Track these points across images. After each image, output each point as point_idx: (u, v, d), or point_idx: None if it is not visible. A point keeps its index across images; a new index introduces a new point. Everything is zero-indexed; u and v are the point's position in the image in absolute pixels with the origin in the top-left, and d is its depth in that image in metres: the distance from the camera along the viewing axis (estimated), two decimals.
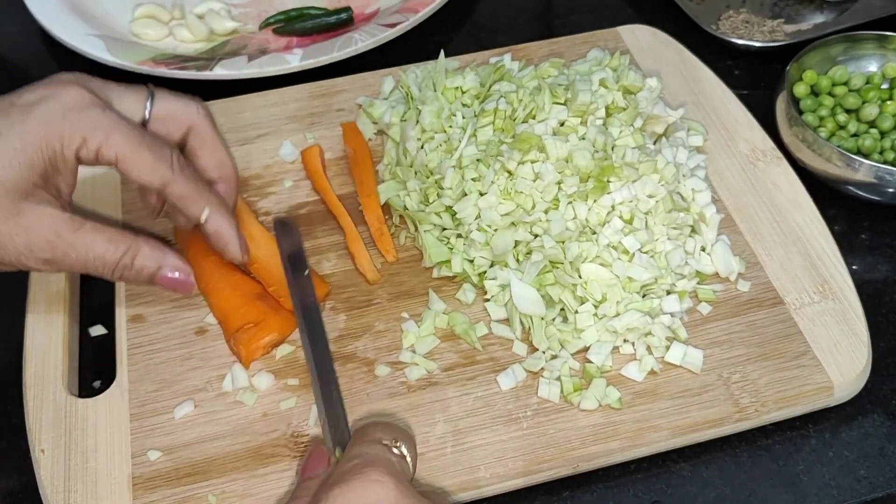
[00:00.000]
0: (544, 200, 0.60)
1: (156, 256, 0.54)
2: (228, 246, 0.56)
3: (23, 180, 0.49)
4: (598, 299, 0.58)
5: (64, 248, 0.51)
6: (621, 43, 0.78)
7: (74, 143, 0.50)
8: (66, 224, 0.51)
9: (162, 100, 0.54)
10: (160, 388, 0.58)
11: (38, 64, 0.84)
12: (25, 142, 0.49)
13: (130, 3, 0.86)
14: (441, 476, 0.54)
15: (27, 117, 0.49)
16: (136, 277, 0.54)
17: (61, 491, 0.53)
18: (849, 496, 0.55)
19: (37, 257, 0.51)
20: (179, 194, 0.53)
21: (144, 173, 0.51)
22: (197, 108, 0.55)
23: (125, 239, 0.53)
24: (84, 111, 0.50)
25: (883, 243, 0.68)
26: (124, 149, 0.50)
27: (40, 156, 0.49)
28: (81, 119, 0.50)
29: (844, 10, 0.83)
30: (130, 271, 0.53)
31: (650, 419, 0.56)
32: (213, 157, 0.56)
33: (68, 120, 0.49)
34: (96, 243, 0.52)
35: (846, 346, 0.59)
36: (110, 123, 0.50)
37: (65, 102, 0.50)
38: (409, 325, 0.60)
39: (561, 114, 0.63)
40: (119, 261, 0.52)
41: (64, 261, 0.51)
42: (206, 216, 0.55)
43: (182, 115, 0.55)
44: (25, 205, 0.49)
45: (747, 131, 0.71)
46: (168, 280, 0.55)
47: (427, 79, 0.70)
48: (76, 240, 0.51)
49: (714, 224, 0.63)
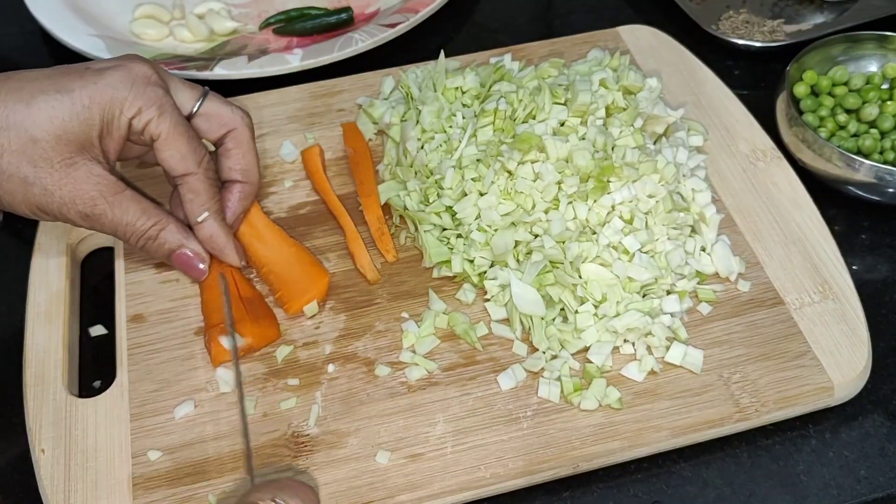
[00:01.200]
0: (544, 200, 0.60)
1: (180, 236, 0.58)
2: (223, 251, 0.60)
3: (83, 134, 0.53)
4: (599, 299, 0.58)
5: (103, 208, 0.55)
6: (621, 43, 0.78)
7: (131, 112, 0.54)
8: (110, 185, 0.55)
9: (212, 100, 0.59)
10: (160, 388, 0.58)
11: (38, 64, 0.84)
12: (93, 101, 0.53)
13: (130, 3, 0.86)
14: (441, 476, 0.54)
15: (100, 79, 0.54)
16: (156, 250, 0.58)
17: (61, 491, 0.53)
18: (849, 496, 0.55)
19: (77, 210, 0.54)
20: (195, 188, 0.57)
21: (174, 158, 0.56)
22: (242, 116, 0.60)
23: (157, 213, 0.57)
24: (148, 86, 0.55)
25: (883, 243, 0.68)
26: (168, 131, 0.55)
27: (101, 115, 0.53)
28: (144, 92, 0.54)
29: (844, 10, 0.83)
30: (153, 242, 0.57)
31: (650, 419, 0.56)
32: (242, 160, 0.60)
33: (133, 89, 0.54)
34: (131, 210, 0.56)
35: (846, 346, 0.59)
36: (166, 104, 0.55)
37: (135, 74, 0.54)
38: (409, 325, 0.60)
39: (561, 114, 0.63)
40: (147, 231, 0.57)
41: (100, 219, 0.55)
42: (203, 218, 0.58)
43: (227, 117, 0.59)
44: (79, 158, 0.53)
45: (747, 131, 0.71)
46: (184, 259, 0.59)
47: (427, 79, 0.70)
48: (115, 202, 0.55)
49: (714, 224, 0.63)
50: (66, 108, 0.52)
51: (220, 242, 0.59)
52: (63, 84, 0.53)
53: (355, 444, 0.55)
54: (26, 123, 0.52)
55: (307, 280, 0.61)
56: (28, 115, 0.52)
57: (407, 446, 0.55)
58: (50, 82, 0.53)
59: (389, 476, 0.54)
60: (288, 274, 0.61)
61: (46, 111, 0.52)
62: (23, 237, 0.68)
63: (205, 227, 0.59)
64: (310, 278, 0.62)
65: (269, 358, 0.59)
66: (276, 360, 0.59)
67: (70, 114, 0.53)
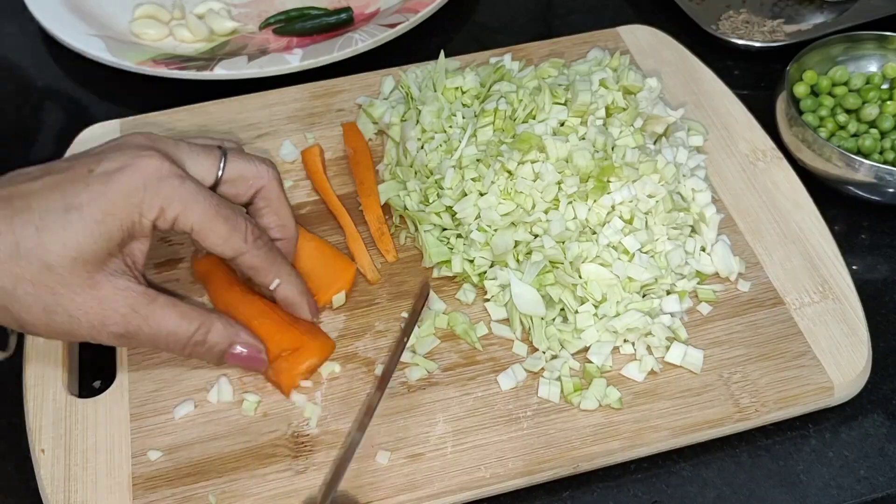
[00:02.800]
0: (544, 200, 0.60)
1: (228, 333, 0.54)
2: (299, 312, 0.57)
3: (101, 250, 0.49)
4: (598, 299, 0.58)
5: (137, 323, 0.50)
6: (621, 43, 0.78)
7: (153, 214, 0.50)
8: (140, 296, 0.50)
9: (233, 161, 0.54)
10: (160, 388, 0.58)
11: (38, 64, 0.85)
12: (106, 213, 0.48)
13: (130, 3, 0.86)
14: (441, 476, 0.54)
15: (108, 188, 0.49)
16: (206, 354, 0.53)
17: (61, 491, 0.53)
18: (849, 496, 0.55)
19: (109, 331, 0.50)
20: (250, 265, 0.54)
21: (218, 244, 0.52)
22: (267, 170, 0.56)
23: (198, 314, 0.52)
24: (162, 182, 0.50)
25: (883, 243, 0.68)
26: (200, 221, 0.51)
27: (119, 226, 0.49)
28: (160, 190, 0.49)
29: (844, 10, 0.83)
30: (202, 348, 0.53)
31: (650, 419, 0.56)
32: (276, 218, 0.57)
33: (148, 191, 0.49)
34: (169, 318, 0.51)
35: (846, 346, 0.59)
36: (188, 195, 0.50)
37: (145, 173, 0.49)
38: None
39: (561, 114, 0.63)
40: (192, 336, 0.52)
41: (137, 335, 0.50)
42: (276, 285, 0.55)
43: (252, 176, 0.55)
44: (100, 276, 0.49)
45: (747, 131, 0.71)
46: (241, 358, 0.54)
47: (427, 79, 0.70)
48: (149, 313, 0.50)
49: (714, 224, 0.63)
50: (77, 229, 0.48)
51: (297, 304, 0.57)
52: (70, 198, 0.48)
53: None
54: (38, 252, 0.47)
55: (333, 272, 0.61)
56: (39, 243, 0.47)
57: (407, 446, 0.55)
58: (56, 196, 0.48)
59: (389, 476, 0.54)
60: (312, 268, 0.61)
61: (58, 235, 0.48)
62: None
63: (279, 292, 0.56)
64: (335, 270, 0.62)
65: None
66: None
67: (83, 233, 0.48)
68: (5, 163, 0.75)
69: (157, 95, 0.79)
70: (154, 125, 0.72)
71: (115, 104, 0.80)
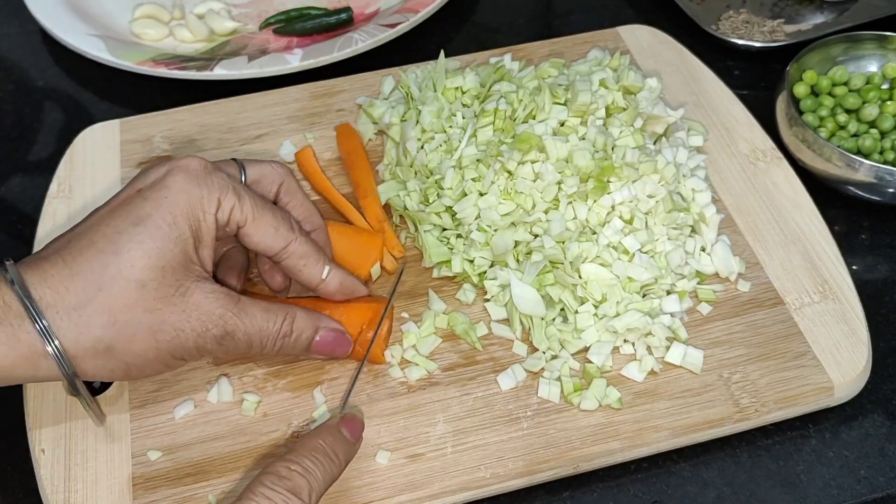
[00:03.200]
0: (544, 200, 0.60)
1: (312, 318, 0.54)
2: (356, 289, 0.57)
3: (181, 254, 0.49)
4: (599, 299, 0.58)
5: (234, 322, 0.50)
6: (621, 43, 0.78)
7: (213, 207, 0.50)
8: (228, 297, 0.50)
9: (251, 165, 0.56)
10: (160, 388, 0.58)
11: (38, 64, 0.85)
12: (175, 214, 0.49)
13: (130, 3, 0.86)
14: (441, 476, 0.54)
15: (167, 191, 0.49)
16: (294, 344, 0.53)
17: (61, 491, 0.53)
18: (849, 496, 0.55)
19: (212, 335, 0.49)
20: (302, 253, 0.54)
21: (269, 235, 0.52)
22: (280, 167, 0.57)
23: (279, 307, 0.53)
24: (211, 175, 0.50)
25: (883, 243, 0.68)
26: (253, 210, 0.51)
27: (189, 225, 0.49)
28: (213, 182, 0.50)
29: (844, 10, 0.83)
30: (290, 338, 0.53)
31: (650, 419, 0.56)
32: (303, 209, 0.57)
33: (203, 185, 0.50)
34: (257, 314, 0.51)
35: (846, 346, 0.59)
36: (237, 185, 0.51)
37: (192, 169, 0.50)
38: (409, 325, 0.60)
39: (561, 114, 0.63)
40: (280, 328, 0.52)
41: (234, 335, 0.50)
42: (327, 273, 0.55)
43: (270, 174, 0.56)
44: (187, 282, 0.49)
45: (747, 131, 0.71)
46: (327, 341, 0.55)
47: (427, 79, 0.70)
48: (240, 311, 0.50)
49: (714, 224, 0.63)
50: (154, 238, 0.48)
51: (350, 283, 0.56)
52: (135, 214, 0.48)
53: None
54: (124, 272, 0.47)
55: (362, 247, 0.62)
56: (123, 263, 0.47)
57: (407, 446, 0.55)
58: (117, 220, 0.48)
59: (389, 476, 0.54)
60: (339, 249, 0.61)
61: (138, 248, 0.47)
62: (22, 237, 0.69)
63: (331, 280, 0.55)
64: (363, 245, 0.62)
65: (269, 358, 0.59)
66: (278, 360, 0.59)
67: (161, 241, 0.48)
68: (5, 163, 0.76)
69: (157, 95, 0.79)
70: (154, 125, 0.72)
71: (115, 104, 0.80)
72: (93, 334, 0.47)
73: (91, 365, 0.47)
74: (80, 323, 0.46)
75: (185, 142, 0.71)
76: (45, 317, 0.46)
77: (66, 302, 0.46)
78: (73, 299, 0.46)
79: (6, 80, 0.83)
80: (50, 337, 0.46)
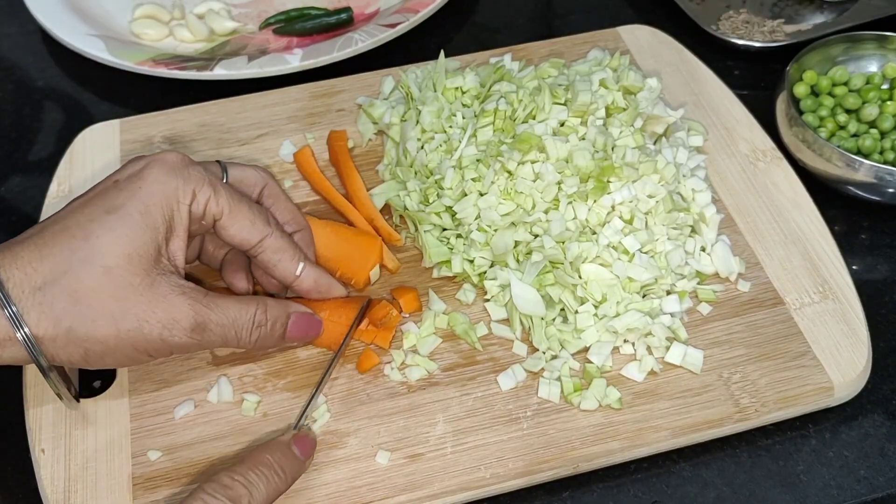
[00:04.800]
0: (544, 200, 0.60)
1: (282, 305, 0.55)
2: (332, 289, 0.58)
3: (151, 243, 0.49)
4: (599, 299, 0.58)
5: (205, 313, 0.50)
6: (621, 43, 0.78)
7: (188, 198, 0.51)
8: (197, 290, 0.51)
9: (233, 167, 0.57)
10: (160, 388, 0.58)
11: (38, 64, 0.85)
12: (148, 204, 0.49)
13: (130, 3, 0.86)
14: (441, 476, 0.54)
15: (142, 181, 0.50)
16: (269, 333, 0.54)
17: (61, 491, 0.53)
18: (849, 496, 0.55)
19: (181, 327, 0.49)
20: (277, 247, 0.54)
21: (245, 228, 0.53)
22: (262, 171, 0.58)
23: (250, 297, 0.53)
24: (189, 168, 0.52)
25: (883, 243, 0.68)
26: (229, 203, 0.52)
27: (161, 215, 0.50)
28: (189, 174, 0.51)
29: (844, 10, 0.83)
30: (265, 327, 0.53)
31: (650, 419, 0.56)
32: (287, 211, 0.58)
33: (179, 176, 0.51)
34: (228, 305, 0.51)
35: (846, 346, 0.59)
36: (213, 179, 0.52)
37: (170, 162, 0.51)
38: (409, 325, 0.60)
39: (561, 114, 0.63)
40: (254, 318, 0.52)
41: (207, 327, 0.50)
42: (300, 269, 0.55)
43: (252, 176, 0.57)
44: (155, 275, 0.49)
45: (747, 131, 0.71)
46: (300, 324, 0.55)
47: (427, 79, 0.70)
48: (210, 303, 0.51)
49: (714, 224, 0.63)
50: (125, 226, 0.48)
51: (325, 282, 0.57)
52: (108, 203, 0.49)
53: (355, 444, 0.55)
54: (93, 257, 0.48)
55: (361, 250, 0.62)
56: (92, 248, 0.48)
57: (407, 446, 0.55)
58: (94, 208, 0.49)
59: (389, 476, 0.54)
60: (338, 252, 0.61)
61: (108, 236, 0.48)
62: None
63: (306, 276, 0.56)
64: (362, 247, 0.62)
65: (270, 357, 0.59)
66: (278, 360, 0.59)
67: (131, 229, 0.48)
68: (5, 163, 0.76)
69: (157, 95, 0.79)
70: (154, 125, 0.72)
71: (115, 104, 0.81)
72: (54, 314, 0.47)
73: (50, 347, 0.48)
74: (42, 302, 0.47)
75: (185, 142, 0.71)
76: (12, 296, 0.47)
77: (32, 282, 0.47)
78: (38, 279, 0.47)
79: (6, 80, 0.83)
80: (18, 323, 0.46)
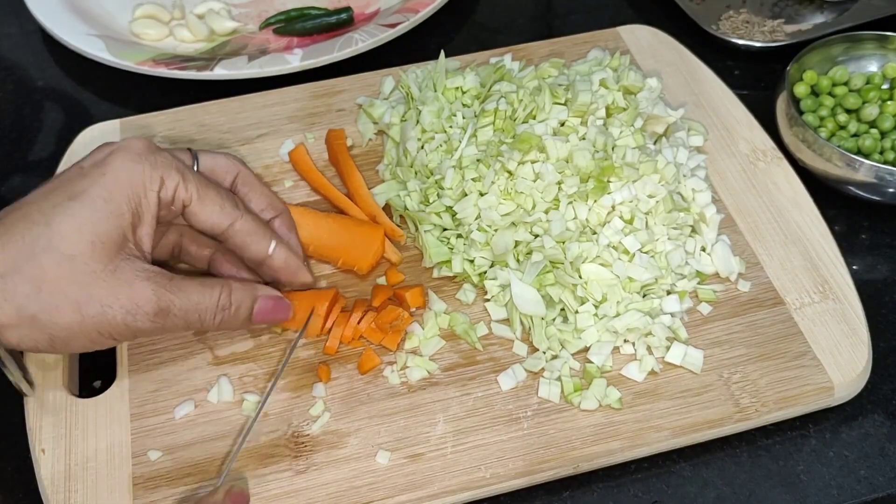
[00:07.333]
0: (544, 200, 0.60)
1: (248, 289, 0.55)
2: (299, 273, 0.57)
3: (115, 230, 0.49)
4: (599, 299, 0.58)
5: (168, 298, 0.50)
6: (621, 43, 0.78)
7: (156, 184, 0.51)
8: (161, 275, 0.51)
9: (204, 155, 0.57)
10: (160, 388, 0.58)
11: (38, 64, 0.85)
12: (112, 191, 0.49)
13: (130, 3, 0.86)
14: (441, 476, 0.54)
15: (106, 168, 0.50)
16: (235, 317, 0.54)
17: (61, 491, 0.53)
18: (849, 496, 0.55)
19: (144, 311, 0.50)
20: (248, 230, 0.54)
21: (215, 213, 0.53)
22: (235, 159, 0.58)
23: (215, 281, 0.53)
24: (155, 154, 0.52)
25: (883, 243, 0.68)
26: (198, 189, 0.52)
27: (127, 202, 0.50)
28: (157, 161, 0.51)
29: (844, 10, 0.83)
30: (230, 310, 0.53)
31: (650, 419, 0.56)
32: (263, 198, 0.58)
33: (146, 162, 0.51)
34: (192, 289, 0.51)
35: (846, 346, 0.59)
36: (181, 165, 0.52)
37: (136, 149, 0.51)
38: (413, 326, 0.60)
39: (561, 114, 0.63)
40: (218, 301, 0.52)
41: (170, 312, 0.50)
42: (272, 248, 0.55)
43: (224, 164, 0.57)
44: (119, 260, 0.49)
45: (747, 131, 0.71)
46: (267, 307, 0.55)
47: (427, 79, 0.70)
48: (174, 287, 0.51)
49: (714, 224, 0.63)
50: (88, 212, 0.48)
51: (295, 263, 0.57)
52: (72, 190, 0.49)
53: (355, 444, 0.55)
54: (55, 243, 0.48)
55: (363, 238, 0.62)
56: (53, 235, 0.48)
57: (407, 446, 0.55)
58: (57, 195, 0.49)
59: (389, 476, 0.54)
60: (338, 241, 0.61)
61: (70, 222, 0.48)
62: None
63: (276, 256, 0.56)
64: (363, 236, 0.62)
65: (269, 358, 0.59)
66: (278, 360, 0.59)
67: (94, 215, 0.48)
68: (5, 163, 0.76)
69: (157, 95, 0.79)
70: (154, 125, 0.72)
71: (115, 104, 0.81)
72: (17, 302, 0.47)
73: (15, 334, 0.48)
74: (4, 290, 0.47)
75: (185, 142, 0.71)
76: None
77: None
78: (0, 268, 0.47)
79: (6, 80, 0.83)
80: None
